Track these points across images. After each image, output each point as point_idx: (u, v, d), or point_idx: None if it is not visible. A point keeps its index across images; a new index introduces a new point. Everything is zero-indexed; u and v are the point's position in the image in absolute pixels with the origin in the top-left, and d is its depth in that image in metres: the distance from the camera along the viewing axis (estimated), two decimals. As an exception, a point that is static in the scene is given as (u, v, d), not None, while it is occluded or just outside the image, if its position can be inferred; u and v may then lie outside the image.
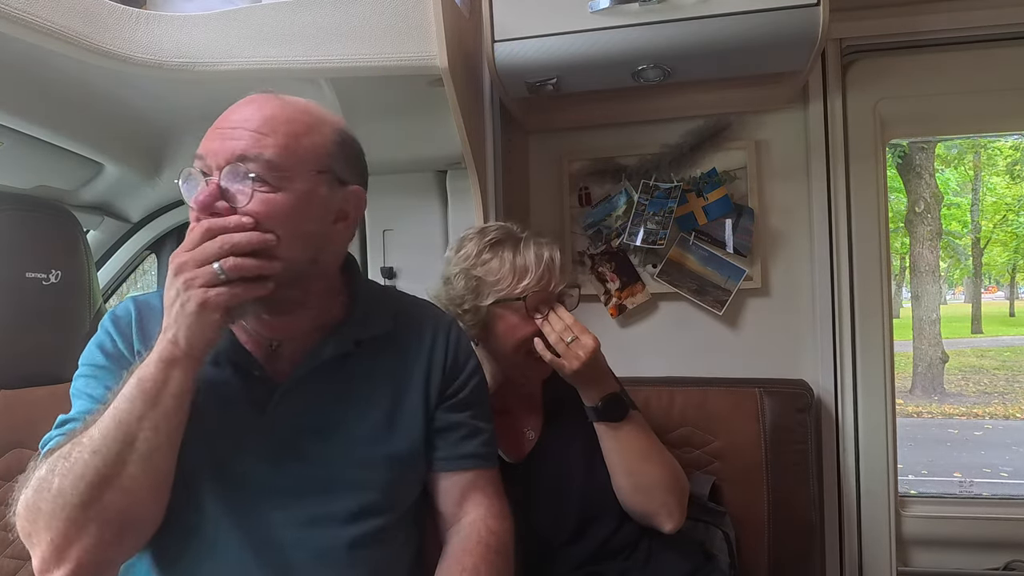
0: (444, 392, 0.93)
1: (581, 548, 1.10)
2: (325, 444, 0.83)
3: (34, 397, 1.12)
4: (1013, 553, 1.54)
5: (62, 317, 1.20)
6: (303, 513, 0.81)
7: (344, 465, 0.83)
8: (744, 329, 1.60)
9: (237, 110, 0.80)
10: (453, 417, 0.93)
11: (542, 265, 1.09)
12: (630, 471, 1.09)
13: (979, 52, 1.49)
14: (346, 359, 0.87)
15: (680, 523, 1.11)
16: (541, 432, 1.18)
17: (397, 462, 0.87)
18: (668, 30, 1.18)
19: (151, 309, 0.88)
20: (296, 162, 0.78)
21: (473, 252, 1.11)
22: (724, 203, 1.57)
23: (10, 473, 1.07)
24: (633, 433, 1.11)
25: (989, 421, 7.29)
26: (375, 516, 0.84)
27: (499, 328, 1.11)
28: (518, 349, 1.11)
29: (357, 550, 0.82)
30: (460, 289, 1.11)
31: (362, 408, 0.87)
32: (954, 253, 11.86)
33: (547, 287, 1.09)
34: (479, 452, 0.94)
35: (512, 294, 1.08)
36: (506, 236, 1.13)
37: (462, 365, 0.96)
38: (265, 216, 0.76)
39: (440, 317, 0.99)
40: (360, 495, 0.83)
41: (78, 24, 0.99)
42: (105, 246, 1.87)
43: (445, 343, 0.95)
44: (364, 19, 1.11)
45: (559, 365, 1.07)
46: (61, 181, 1.56)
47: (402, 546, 0.89)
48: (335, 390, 0.86)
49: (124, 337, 0.85)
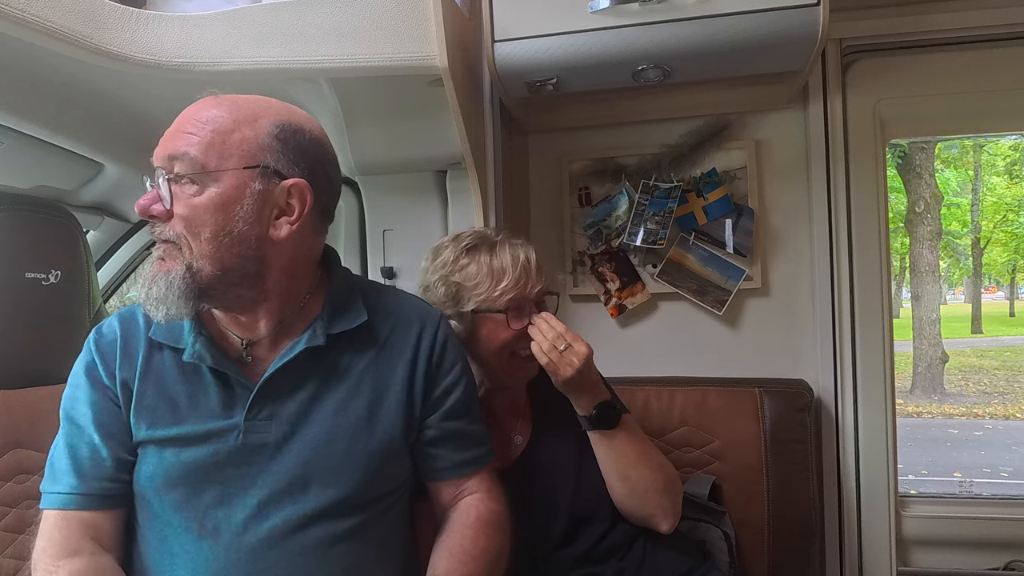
0: (431, 392, 0.92)
1: (574, 550, 1.09)
2: (300, 441, 0.84)
3: (34, 397, 1.12)
4: (1013, 553, 1.54)
5: (62, 317, 1.20)
6: (279, 511, 0.81)
7: (319, 462, 0.83)
8: (744, 329, 1.60)
9: (183, 113, 0.83)
10: (449, 426, 0.93)
11: (519, 267, 1.09)
12: (625, 476, 1.09)
13: (979, 52, 1.49)
14: (322, 354, 0.87)
15: (676, 523, 1.11)
16: (529, 436, 1.17)
17: (375, 458, 0.86)
18: (668, 30, 1.18)
19: (135, 326, 0.90)
20: (220, 159, 0.78)
21: (450, 258, 1.11)
22: (724, 203, 1.57)
23: (10, 473, 1.07)
24: (626, 439, 1.10)
25: (989, 421, 7.29)
26: (352, 513, 0.85)
27: (482, 332, 1.10)
28: (501, 351, 1.10)
29: (334, 547, 0.82)
30: (440, 296, 1.11)
31: (340, 403, 0.86)
32: (954, 253, 11.86)
33: (525, 288, 1.09)
34: (476, 458, 0.96)
35: (491, 297, 1.08)
36: (481, 241, 1.12)
37: (451, 363, 0.95)
38: (188, 217, 0.78)
39: (428, 313, 0.98)
40: (336, 491, 0.83)
41: (78, 24, 0.99)
42: (105, 246, 1.87)
43: (432, 340, 0.94)
44: (364, 19, 1.11)
45: (553, 370, 1.07)
46: (61, 181, 1.56)
47: (384, 542, 0.89)
48: (311, 386, 0.86)
49: (106, 364, 0.87)
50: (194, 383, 0.85)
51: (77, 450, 0.84)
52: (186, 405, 0.84)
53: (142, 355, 0.87)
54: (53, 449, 0.87)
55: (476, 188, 1.37)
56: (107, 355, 0.87)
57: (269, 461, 0.83)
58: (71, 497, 0.82)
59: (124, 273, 1.98)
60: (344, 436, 0.85)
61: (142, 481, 0.84)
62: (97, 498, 0.83)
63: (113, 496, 0.84)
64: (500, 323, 1.08)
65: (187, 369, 0.86)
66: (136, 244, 1.93)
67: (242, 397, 0.84)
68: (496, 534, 0.91)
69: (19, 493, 1.07)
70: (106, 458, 0.84)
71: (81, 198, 1.67)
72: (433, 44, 1.11)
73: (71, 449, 0.84)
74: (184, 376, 0.86)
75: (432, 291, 1.12)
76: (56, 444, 0.87)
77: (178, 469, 0.82)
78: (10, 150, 1.31)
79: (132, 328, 0.89)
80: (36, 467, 1.08)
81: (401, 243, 1.65)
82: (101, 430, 0.84)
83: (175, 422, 0.84)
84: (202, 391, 0.85)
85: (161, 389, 0.85)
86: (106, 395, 0.86)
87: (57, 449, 0.86)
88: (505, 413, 1.19)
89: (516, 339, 1.09)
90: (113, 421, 0.85)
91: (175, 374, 0.86)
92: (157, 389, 0.85)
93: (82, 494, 0.82)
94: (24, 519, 1.05)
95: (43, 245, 1.18)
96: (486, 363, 1.13)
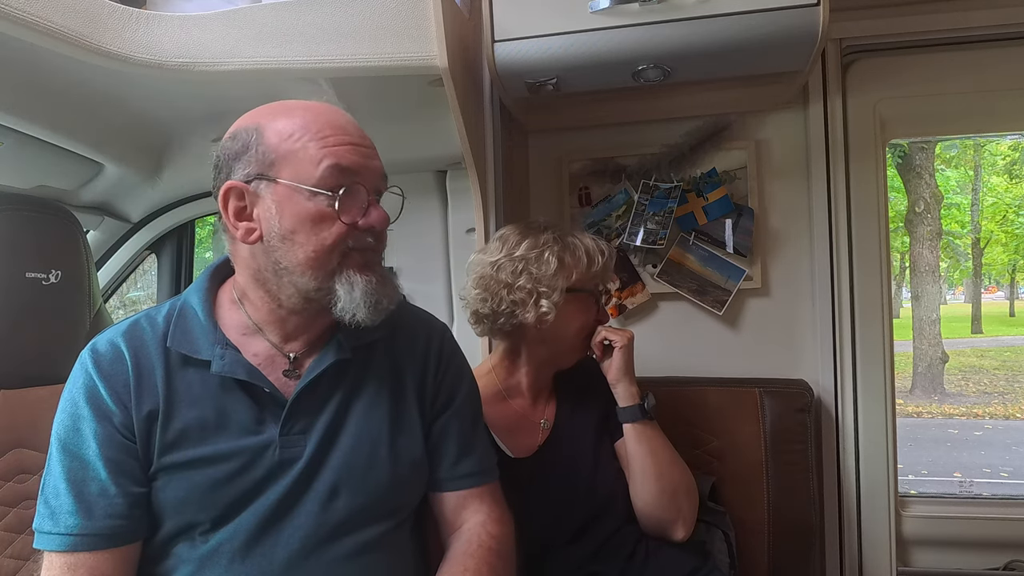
0: (438, 397, 0.93)
1: (581, 547, 1.10)
2: (332, 453, 0.83)
3: (34, 397, 1.12)
4: (1013, 553, 1.54)
5: (62, 317, 1.20)
6: (311, 522, 0.81)
7: (350, 473, 0.83)
8: (744, 329, 1.60)
9: (339, 117, 0.83)
10: (447, 429, 0.93)
11: (606, 254, 1.18)
12: (659, 474, 1.12)
13: (979, 52, 1.49)
14: (347, 366, 0.87)
15: (690, 531, 1.14)
16: (553, 425, 1.20)
17: (400, 466, 0.87)
18: (668, 30, 1.18)
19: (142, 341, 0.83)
20: None
21: (539, 242, 1.15)
22: (724, 203, 1.57)
23: (10, 473, 1.07)
24: (661, 436, 1.16)
25: (989, 421, 7.29)
26: (379, 522, 0.85)
27: (568, 311, 1.14)
28: (582, 331, 1.17)
29: (362, 556, 0.82)
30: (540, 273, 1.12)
31: (364, 413, 0.87)
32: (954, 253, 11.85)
33: (607, 273, 1.19)
34: (476, 470, 0.94)
35: (586, 276, 1.15)
36: (557, 230, 1.18)
37: (454, 372, 0.96)
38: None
39: (432, 324, 0.98)
40: (363, 500, 0.83)
41: (78, 24, 0.99)
42: (105, 246, 1.87)
43: (439, 350, 0.95)
44: (364, 19, 1.11)
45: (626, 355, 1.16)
46: (61, 181, 1.56)
47: (405, 553, 0.89)
48: (338, 398, 0.86)
49: (112, 388, 0.80)
50: (220, 397, 0.81)
51: (83, 487, 0.77)
52: (215, 422, 0.80)
53: (160, 373, 0.81)
54: (48, 482, 0.79)
55: (476, 188, 1.37)
56: (113, 378, 0.80)
57: (303, 475, 0.81)
58: (79, 539, 0.76)
59: (124, 273, 1.98)
60: (370, 445, 0.85)
61: (169, 504, 0.79)
62: (106, 537, 0.77)
63: (123, 534, 0.78)
64: (588, 304, 1.17)
65: (212, 383, 0.82)
66: (136, 244, 1.93)
67: (272, 412, 0.82)
68: (498, 563, 0.89)
69: (19, 493, 1.07)
70: (115, 495, 0.77)
71: (81, 198, 1.67)
72: (433, 44, 1.11)
73: (74, 486, 0.77)
74: (208, 390, 0.81)
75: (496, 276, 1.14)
76: (52, 476, 0.79)
77: (212, 488, 0.79)
78: (10, 150, 1.31)
79: (140, 345, 0.83)
80: (36, 467, 1.08)
81: (401, 243, 1.65)
82: (109, 466, 0.78)
83: (206, 441, 0.80)
84: (231, 406, 0.81)
85: (188, 407, 0.81)
86: (112, 424, 0.79)
87: (55, 483, 0.78)
88: (538, 398, 1.22)
89: (596, 321, 1.18)
90: (122, 455, 0.79)
91: (199, 389, 0.81)
92: (183, 408, 0.80)
93: (90, 535, 0.76)
94: (24, 519, 1.05)
95: (43, 245, 1.18)
96: (559, 343, 1.17)
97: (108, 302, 1.96)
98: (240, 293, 0.87)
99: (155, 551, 0.81)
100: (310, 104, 0.83)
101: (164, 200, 1.85)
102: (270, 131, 0.80)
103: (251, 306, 0.86)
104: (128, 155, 1.54)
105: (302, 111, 0.82)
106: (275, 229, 0.79)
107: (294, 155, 0.79)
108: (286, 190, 0.79)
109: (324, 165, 0.78)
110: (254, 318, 0.86)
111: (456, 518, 0.93)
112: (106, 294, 1.94)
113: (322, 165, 0.78)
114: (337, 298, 0.81)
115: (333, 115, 0.83)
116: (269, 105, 0.84)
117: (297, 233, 0.79)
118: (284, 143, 0.79)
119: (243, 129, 0.82)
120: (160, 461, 0.79)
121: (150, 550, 0.81)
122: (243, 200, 0.80)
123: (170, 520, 0.80)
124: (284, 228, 0.79)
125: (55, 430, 0.80)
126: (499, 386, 1.20)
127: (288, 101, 0.85)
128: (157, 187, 1.72)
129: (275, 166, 0.79)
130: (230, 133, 0.83)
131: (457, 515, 0.93)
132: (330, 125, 0.81)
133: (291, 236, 0.79)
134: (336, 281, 0.80)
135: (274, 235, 0.79)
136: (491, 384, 1.19)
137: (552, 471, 1.13)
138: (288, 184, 0.79)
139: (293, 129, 0.80)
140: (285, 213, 0.79)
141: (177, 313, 0.85)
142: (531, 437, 1.17)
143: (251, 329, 0.86)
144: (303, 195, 0.79)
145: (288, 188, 0.79)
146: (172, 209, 1.89)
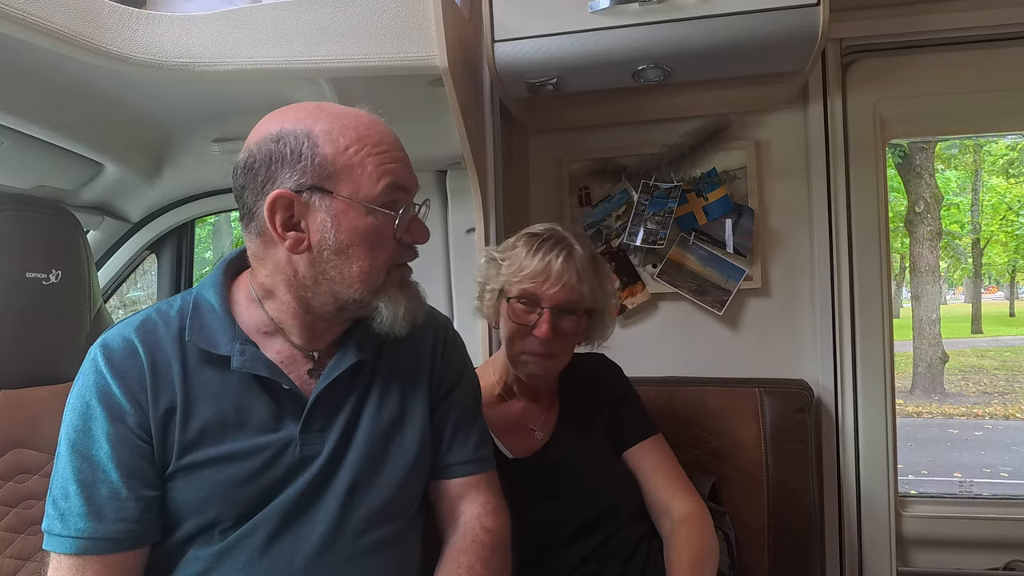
0: (439, 387, 0.94)
1: (580, 549, 1.10)
2: (350, 451, 0.84)
3: (34, 397, 1.12)
4: (1013, 553, 1.54)
5: (62, 317, 1.20)
6: (329, 520, 0.81)
7: (367, 469, 0.84)
8: (744, 329, 1.60)
9: (386, 129, 0.83)
10: (448, 415, 0.94)
11: (544, 264, 1.08)
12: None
13: (979, 52, 1.49)
14: (363, 364, 0.87)
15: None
16: (554, 428, 1.18)
17: (412, 461, 0.88)
18: (668, 30, 1.18)
19: (157, 337, 0.81)
20: None
21: (510, 242, 1.15)
22: (724, 203, 1.57)
23: (10, 473, 1.07)
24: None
25: (989, 421, 7.29)
26: (392, 519, 0.86)
27: (501, 312, 1.14)
28: (511, 340, 1.12)
29: (378, 553, 0.83)
30: (483, 269, 1.17)
31: (378, 410, 0.87)
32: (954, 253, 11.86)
33: (540, 286, 1.08)
34: (472, 458, 0.95)
35: (511, 281, 1.10)
36: (542, 234, 1.14)
37: (455, 364, 0.97)
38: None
39: (437, 319, 0.99)
40: (379, 496, 0.84)
41: (78, 24, 0.99)
42: (105, 246, 1.87)
43: (444, 340, 0.97)
44: (364, 19, 1.11)
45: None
46: (61, 181, 1.56)
47: (414, 551, 0.90)
48: (354, 396, 0.86)
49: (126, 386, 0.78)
50: (238, 394, 0.80)
51: (93, 489, 0.75)
52: (234, 419, 0.80)
53: (177, 369, 0.79)
54: (56, 483, 0.77)
55: (476, 188, 1.37)
56: (126, 375, 0.78)
57: (322, 473, 0.82)
58: (89, 542, 0.74)
59: (124, 273, 1.98)
60: (384, 442, 0.86)
61: (190, 503, 0.78)
62: (116, 541, 0.75)
63: (133, 538, 0.77)
64: (512, 309, 1.11)
65: (230, 379, 0.80)
66: (136, 244, 1.93)
67: (291, 409, 0.82)
68: (492, 557, 0.89)
69: (19, 493, 1.07)
70: (127, 498, 0.76)
71: (81, 198, 1.67)
72: (433, 44, 1.11)
73: (84, 488, 0.75)
74: (227, 387, 0.80)
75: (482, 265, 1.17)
76: (60, 478, 0.77)
77: (235, 486, 0.78)
78: (10, 150, 1.31)
79: (155, 340, 0.80)
80: (36, 467, 1.08)
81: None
82: (122, 468, 0.76)
83: (226, 438, 0.79)
84: (250, 403, 0.81)
85: (207, 404, 0.79)
86: (126, 424, 0.77)
87: (63, 485, 0.76)
88: (531, 403, 1.20)
89: (522, 333, 1.10)
90: (135, 457, 0.77)
91: (217, 386, 0.80)
92: (202, 405, 0.79)
93: (101, 538, 0.75)
94: (24, 519, 1.05)
95: (43, 245, 1.18)
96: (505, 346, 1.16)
97: (108, 302, 1.96)
98: (262, 292, 0.85)
99: (172, 548, 0.80)
100: (352, 111, 0.82)
101: (164, 200, 1.85)
102: (325, 140, 0.77)
103: (274, 306, 0.84)
104: (128, 155, 1.54)
105: (353, 121, 0.80)
106: (329, 242, 0.78)
107: (352, 170, 0.78)
108: (343, 204, 0.77)
109: (384, 183, 0.78)
110: (276, 318, 0.85)
111: (454, 509, 0.93)
112: (106, 294, 1.94)
113: (381, 183, 0.78)
114: (379, 313, 0.82)
115: (380, 127, 0.82)
116: (307, 107, 0.81)
117: (353, 247, 0.78)
118: (342, 156, 0.77)
119: (291, 134, 0.77)
120: (179, 460, 0.78)
121: (168, 547, 0.80)
122: (291, 210, 0.77)
123: (190, 519, 0.79)
124: (340, 242, 0.78)
125: (63, 430, 0.78)
126: (498, 387, 1.20)
127: (326, 104, 0.82)
128: (157, 187, 1.72)
129: (332, 179, 0.77)
130: (271, 134, 0.78)
131: (455, 506, 0.93)
132: (383, 139, 0.81)
133: (346, 250, 0.78)
134: (379, 298, 0.81)
135: (327, 248, 0.78)
136: (491, 385, 1.19)
137: (551, 472, 1.13)
138: (347, 200, 0.78)
139: (349, 141, 0.78)
140: (342, 227, 0.78)
141: (192, 308, 0.84)
142: (530, 438, 1.17)
143: (271, 328, 0.85)
144: (360, 211, 0.78)
145: (346, 203, 0.78)
146: (172, 209, 1.89)
